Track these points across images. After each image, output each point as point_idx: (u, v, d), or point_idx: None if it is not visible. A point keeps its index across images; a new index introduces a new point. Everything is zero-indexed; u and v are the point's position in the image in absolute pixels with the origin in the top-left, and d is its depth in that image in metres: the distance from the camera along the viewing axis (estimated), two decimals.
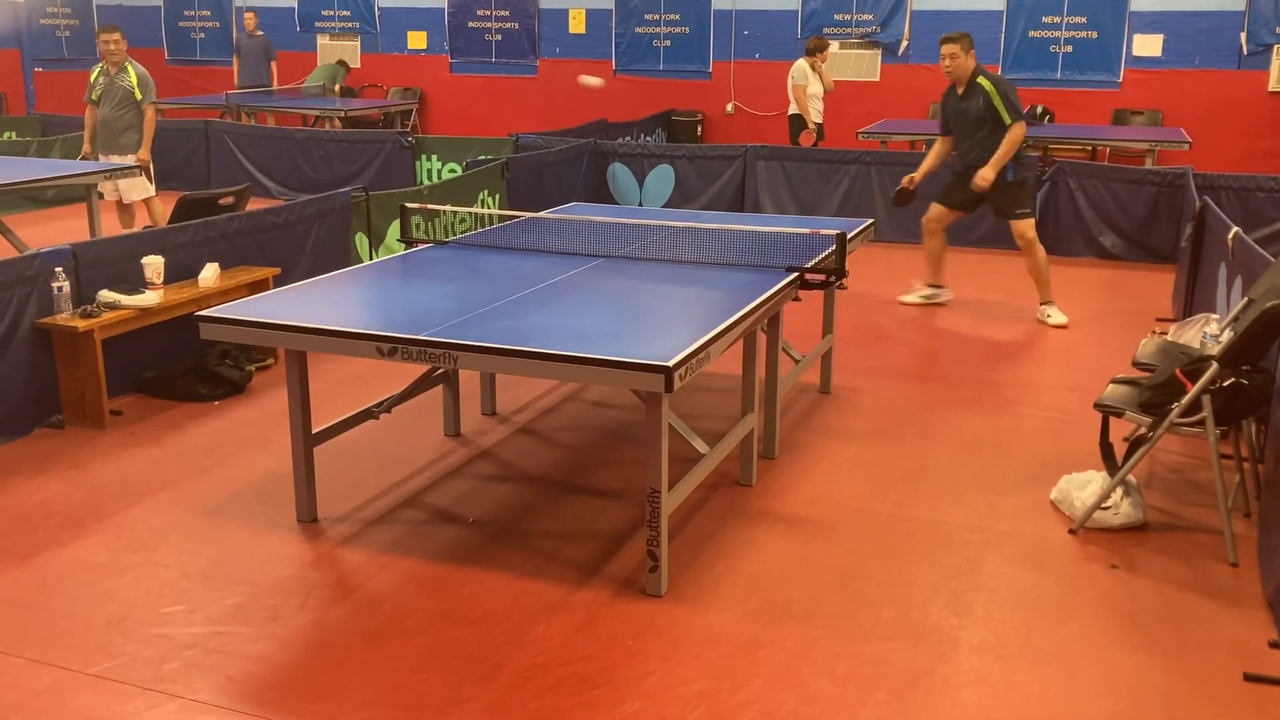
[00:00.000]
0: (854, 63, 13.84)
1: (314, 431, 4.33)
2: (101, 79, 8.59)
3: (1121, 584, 3.92)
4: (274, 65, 15.00)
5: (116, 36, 8.54)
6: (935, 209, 7.55)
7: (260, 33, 14.94)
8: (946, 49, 7.16)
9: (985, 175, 7.01)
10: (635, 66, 14.88)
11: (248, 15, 14.93)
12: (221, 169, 11.88)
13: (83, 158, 8.85)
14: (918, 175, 7.49)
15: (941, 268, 7.72)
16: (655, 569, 3.77)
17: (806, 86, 11.12)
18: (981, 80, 7.10)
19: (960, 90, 7.19)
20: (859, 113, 13.22)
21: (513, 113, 14.65)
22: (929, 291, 7.72)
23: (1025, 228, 7.21)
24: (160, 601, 3.73)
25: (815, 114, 11.22)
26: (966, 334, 7.03)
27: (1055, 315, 7.21)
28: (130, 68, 8.56)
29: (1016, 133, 6.97)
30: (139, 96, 8.54)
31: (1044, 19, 13.03)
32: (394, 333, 3.72)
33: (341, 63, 15.79)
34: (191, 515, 4.40)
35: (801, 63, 11.17)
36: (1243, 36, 12.28)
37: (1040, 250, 7.27)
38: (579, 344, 3.62)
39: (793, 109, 11.30)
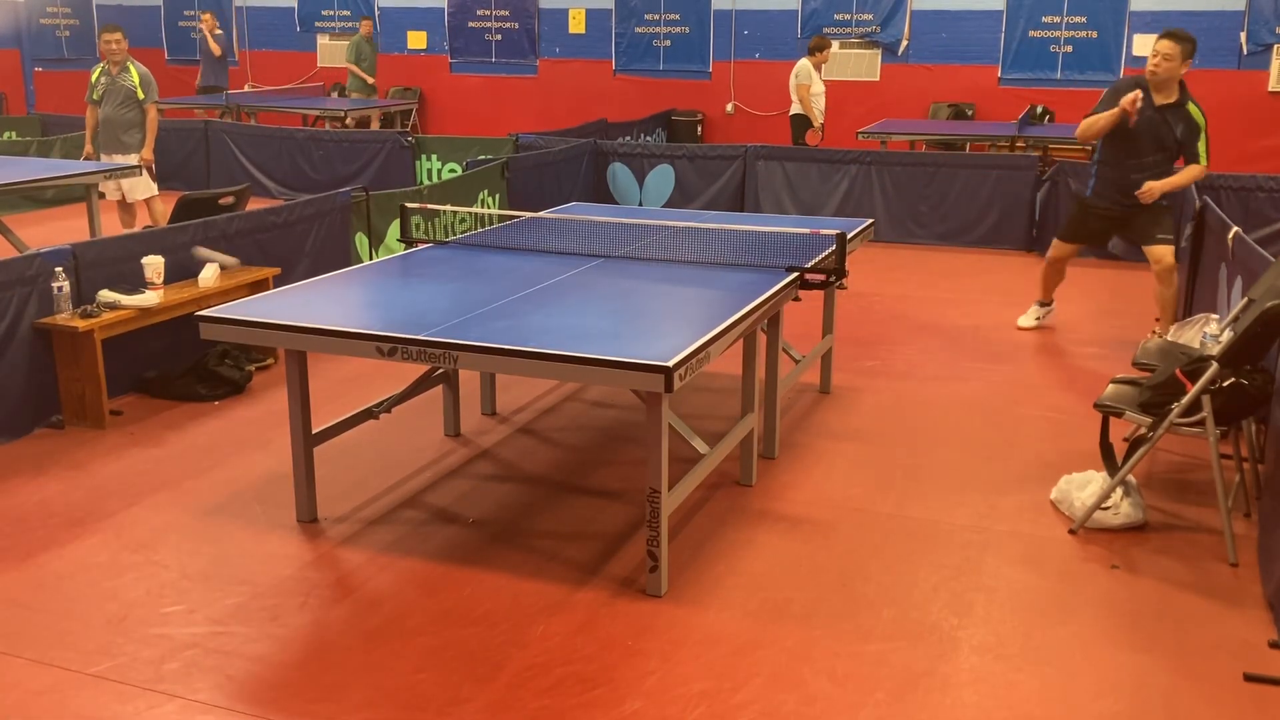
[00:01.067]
0: (854, 62, 13.85)
1: (314, 431, 4.33)
2: (103, 79, 8.59)
3: (1121, 584, 3.92)
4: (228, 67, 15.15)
5: (118, 36, 8.54)
6: (1063, 248, 6.95)
7: (220, 31, 14.91)
8: (1164, 46, 6.31)
9: (1154, 188, 6.31)
10: (635, 66, 14.89)
11: (205, 16, 14.88)
12: (221, 169, 11.88)
13: (85, 158, 8.86)
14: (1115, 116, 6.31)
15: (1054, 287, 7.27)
16: (655, 569, 3.77)
17: (810, 86, 11.12)
18: (1192, 107, 6.39)
19: (1157, 100, 6.35)
20: (859, 112, 13.23)
21: (513, 113, 14.66)
22: (1042, 311, 7.24)
23: (1164, 253, 6.45)
24: (160, 601, 3.73)
25: (819, 113, 11.23)
26: (966, 334, 7.02)
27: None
28: (132, 67, 8.57)
29: (1200, 174, 6.43)
30: (141, 96, 8.55)
31: (1044, 19, 13.04)
32: (394, 333, 3.72)
33: (368, 39, 14.97)
34: (191, 515, 4.40)
35: (805, 62, 11.18)
36: (1243, 36, 12.29)
37: (1175, 281, 6.53)
38: (579, 344, 3.62)
39: (795, 109, 11.30)
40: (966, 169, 9.81)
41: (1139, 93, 6.27)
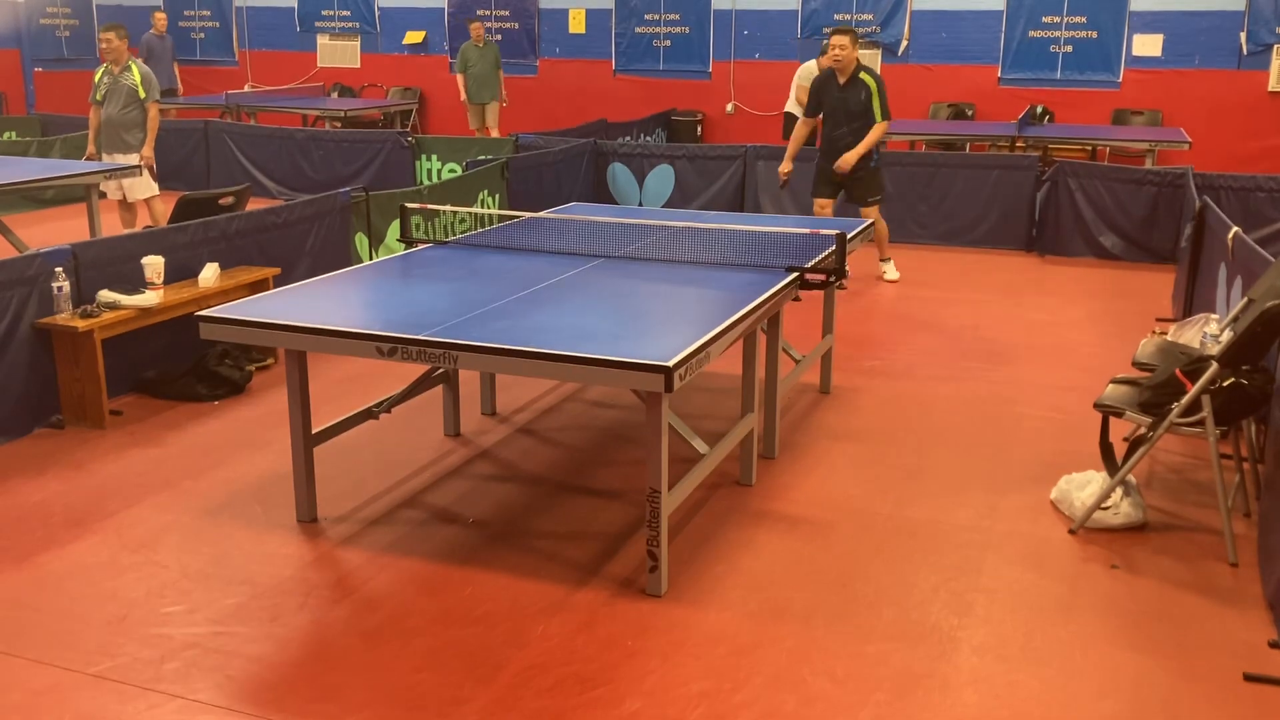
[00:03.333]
0: None
1: (314, 431, 4.33)
2: (105, 79, 8.56)
3: (1121, 584, 3.92)
4: (176, 67, 15.11)
5: (110, 36, 8.50)
6: (819, 205, 8.22)
7: (167, 34, 14.82)
8: (837, 40, 7.78)
9: (849, 159, 7.82)
10: (635, 66, 14.88)
11: (157, 15, 14.82)
12: (221, 169, 11.88)
13: (87, 158, 8.84)
14: (787, 166, 8.34)
15: None
16: (655, 569, 3.77)
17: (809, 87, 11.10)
18: (865, 76, 7.79)
19: (842, 80, 7.85)
20: None
21: (513, 113, 14.64)
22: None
23: (872, 213, 7.97)
24: (160, 601, 3.73)
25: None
26: (966, 334, 7.03)
27: (890, 271, 8.35)
28: (134, 66, 8.54)
29: (882, 130, 7.87)
30: (143, 95, 8.52)
31: (1044, 19, 13.03)
32: (394, 333, 3.72)
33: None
34: (191, 515, 4.40)
35: (811, 64, 11.17)
36: (1243, 36, 12.28)
37: (882, 223, 8.22)
38: (579, 344, 3.62)
39: (789, 106, 11.28)
40: (966, 169, 9.80)
41: (785, 168, 8.39)
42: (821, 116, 8.15)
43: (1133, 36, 12.71)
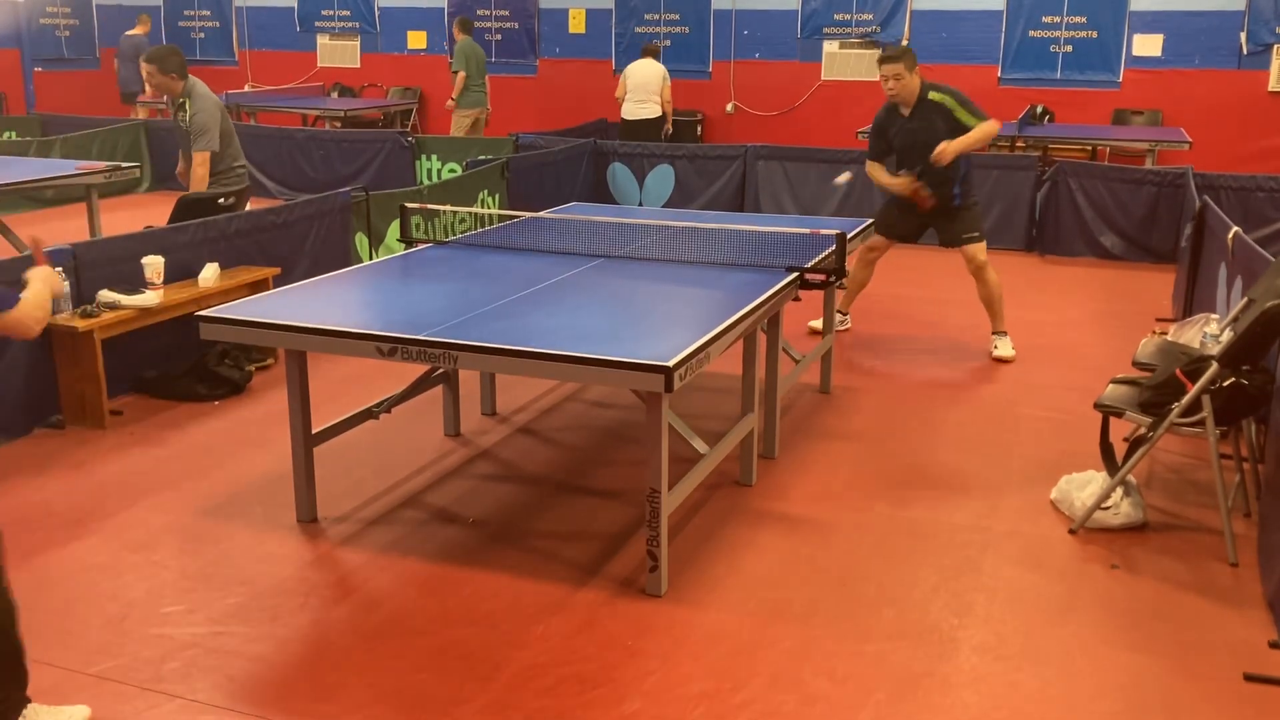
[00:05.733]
0: (854, 62, 13.84)
1: (314, 431, 4.33)
2: (178, 116, 6.85)
3: (1121, 584, 3.92)
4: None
5: (151, 69, 6.70)
6: (877, 239, 6.74)
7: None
8: (889, 70, 6.22)
9: (947, 149, 6.15)
10: None
11: (142, 18, 14.88)
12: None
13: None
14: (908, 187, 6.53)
15: (854, 299, 7.11)
16: (655, 569, 3.77)
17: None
18: (936, 96, 6.28)
19: (906, 112, 6.37)
20: (859, 113, 13.19)
21: (513, 113, 14.64)
22: (837, 319, 6.83)
23: (976, 251, 6.53)
24: (160, 601, 3.73)
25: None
26: (967, 334, 7.02)
27: (1003, 348, 6.55)
28: (188, 104, 6.69)
29: (990, 127, 6.26)
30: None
31: (1044, 19, 13.02)
32: (394, 333, 3.72)
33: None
34: (191, 515, 4.40)
35: (647, 62, 11.69)
36: (1243, 36, 12.28)
37: (993, 276, 6.57)
38: (579, 344, 3.62)
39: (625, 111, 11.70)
40: None
41: (917, 183, 6.43)
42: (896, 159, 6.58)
43: (1133, 36, 12.71)
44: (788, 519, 4.40)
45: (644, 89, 11.73)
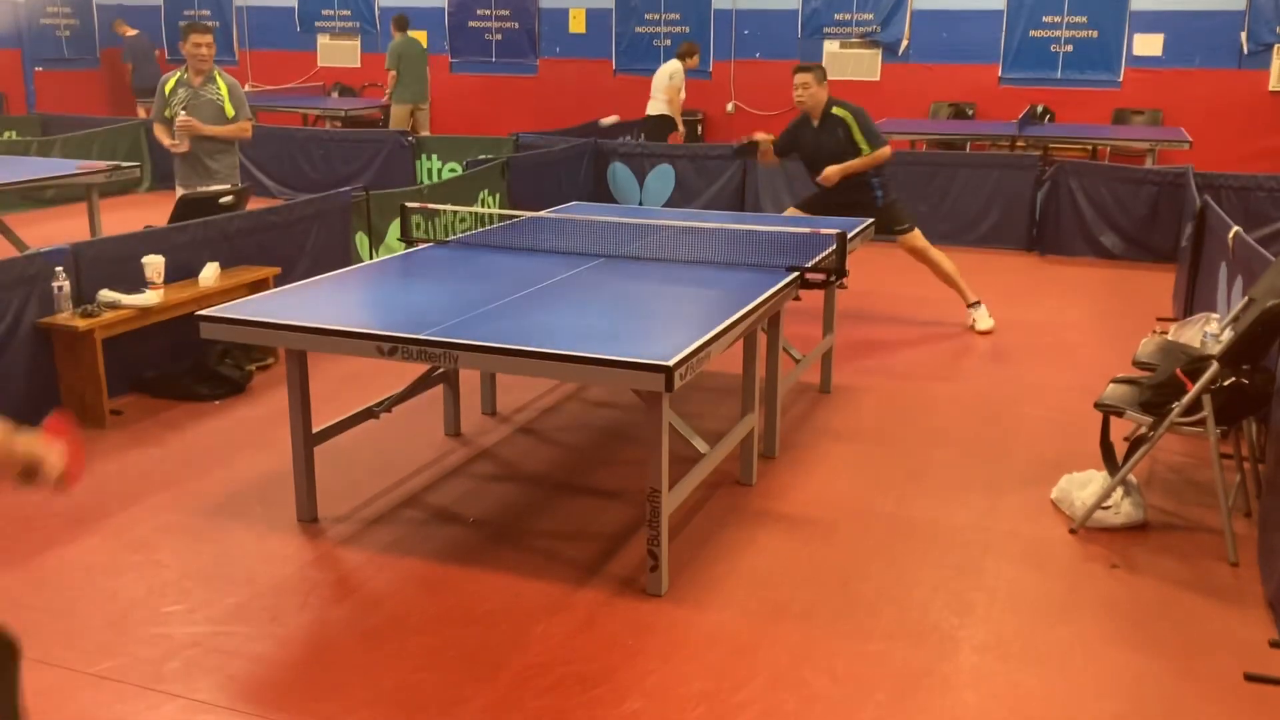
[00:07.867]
0: (854, 62, 13.84)
1: (314, 431, 4.33)
2: (181, 90, 6.91)
3: (1121, 584, 3.92)
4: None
5: (209, 40, 6.95)
6: (791, 212, 7.23)
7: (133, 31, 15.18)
8: (799, 79, 6.86)
9: (832, 173, 6.78)
10: (635, 66, 14.86)
11: (119, 20, 15.03)
12: None
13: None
14: (768, 147, 7.10)
15: None
16: (655, 569, 3.77)
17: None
18: (838, 111, 6.84)
19: (815, 122, 6.92)
20: None
21: (513, 112, 14.65)
22: None
23: (913, 239, 7.10)
24: (160, 601, 3.73)
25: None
26: (967, 334, 7.02)
27: (982, 320, 7.03)
28: (220, 78, 6.99)
29: (880, 154, 6.81)
30: (231, 113, 6.93)
31: (1044, 18, 13.03)
32: (394, 332, 3.72)
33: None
34: (191, 515, 4.39)
35: (675, 64, 11.75)
36: (1243, 36, 12.28)
37: (937, 254, 7.07)
38: (579, 344, 3.62)
39: (654, 109, 11.83)
40: (967, 169, 9.80)
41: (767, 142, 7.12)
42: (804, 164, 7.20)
43: (1133, 36, 12.71)
44: (788, 519, 4.40)
45: (653, 87, 11.91)
